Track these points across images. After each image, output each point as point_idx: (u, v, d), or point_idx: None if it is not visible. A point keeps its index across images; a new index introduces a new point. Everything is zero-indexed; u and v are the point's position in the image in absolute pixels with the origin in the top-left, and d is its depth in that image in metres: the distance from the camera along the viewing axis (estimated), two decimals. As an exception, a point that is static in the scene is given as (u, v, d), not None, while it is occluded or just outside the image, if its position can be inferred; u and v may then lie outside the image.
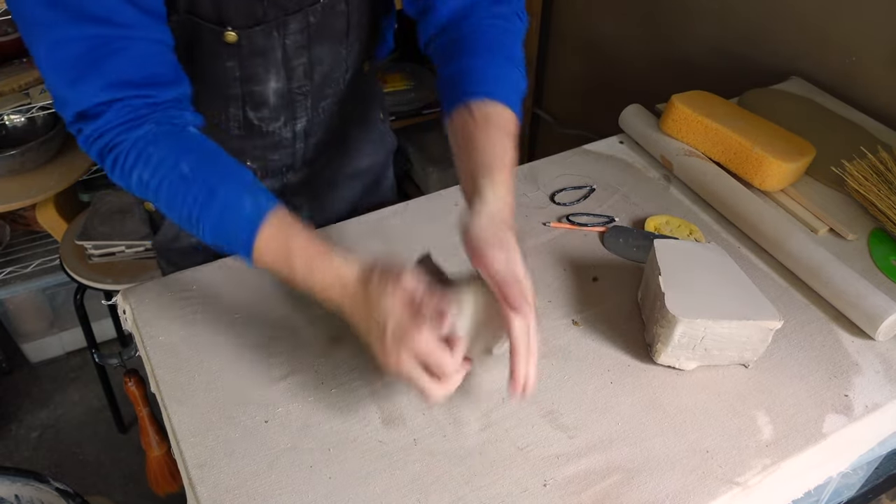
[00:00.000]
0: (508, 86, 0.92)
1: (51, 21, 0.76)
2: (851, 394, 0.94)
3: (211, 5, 0.91)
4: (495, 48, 0.95)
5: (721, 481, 0.84)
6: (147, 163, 0.81)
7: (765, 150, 1.21)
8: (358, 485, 0.82)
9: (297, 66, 1.03)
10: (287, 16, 0.96)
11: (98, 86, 0.79)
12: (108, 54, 0.78)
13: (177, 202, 0.82)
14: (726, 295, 0.94)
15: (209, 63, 0.98)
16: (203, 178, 0.81)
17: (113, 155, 0.82)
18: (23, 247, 2.23)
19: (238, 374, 0.94)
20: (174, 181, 0.81)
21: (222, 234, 0.82)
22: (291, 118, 1.11)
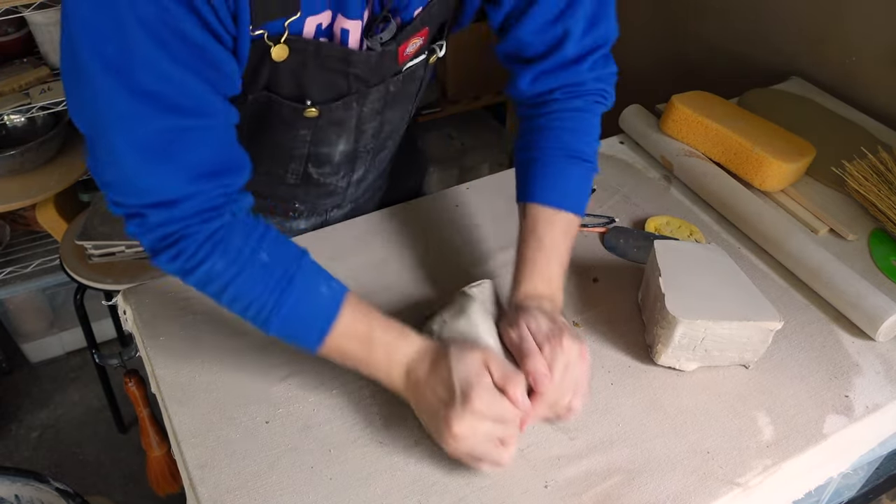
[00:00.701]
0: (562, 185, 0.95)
1: (136, 113, 0.70)
2: (852, 394, 0.94)
3: (294, 85, 0.88)
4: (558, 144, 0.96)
5: (722, 482, 0.84)
6: (224, 254, 0.78)
7: (765, 151, 1.21)
8: (359, 486, 0.82)
9: (368, 130, 1.02)
10: (369, 88, 0.94)
11: (182, 178, 0.74)
12: (192, 145, 0.74)
13: (254, 291, 0.80)
14: (726, 296, 0.94)
15: (281, 131, 0.96)
16: (281, 264, 0.80)
17: (180, 245, 0.77)
18: (23, 247, 2.23)
19: (239, 374, 0.94)
20: (252, 269, 0.79)
21: (296, 320, 0.81)
22: (350, 171, 1.10)
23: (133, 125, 0.71)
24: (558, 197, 0.94)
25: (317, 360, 0.94)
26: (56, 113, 1.91)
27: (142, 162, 0.73)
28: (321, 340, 0.81)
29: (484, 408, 0.77)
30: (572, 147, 0.96)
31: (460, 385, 0.77)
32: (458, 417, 0.77)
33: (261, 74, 0.85)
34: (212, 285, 0.80)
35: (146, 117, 0.71)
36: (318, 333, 0.81)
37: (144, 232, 0.77)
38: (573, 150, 0.96)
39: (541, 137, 0.97)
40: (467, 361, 0.79)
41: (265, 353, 0.96)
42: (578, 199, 0.97)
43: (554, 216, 0.94)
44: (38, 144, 1.90)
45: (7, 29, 1.94)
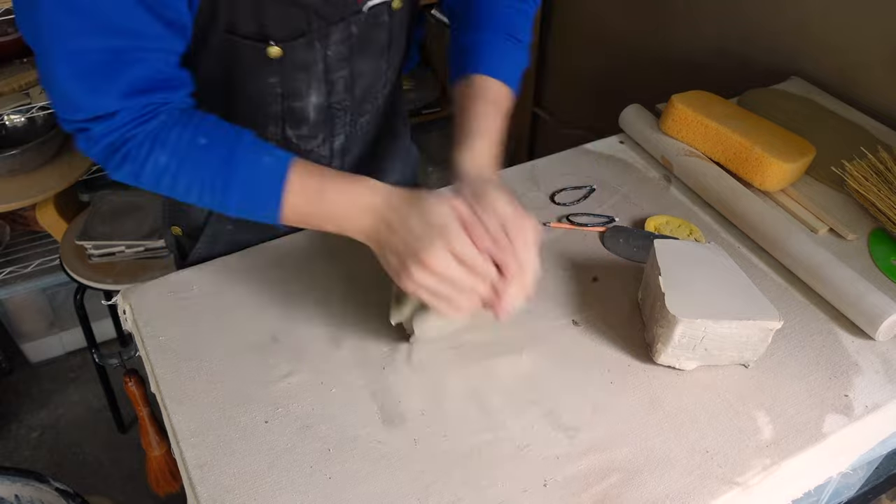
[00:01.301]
0: (511, 64, 1.04)
1: (72, 30, 0.75)
2: (851, 394, 0.94)
3: (253, 21, 0.90)
4: (505, 27, 1.04)
5: (721, 481, 0.84)
6: (164, 146, 0.83)
7: (765, 150, 1.21)
8: (358, 485, 0.82)
9: (338, 80, 1.03)
10: (329, 25, 0.95)
11: (116, 94, 0.79)
12: (127, 64, 0.79)
13: (201, 174, 0.84)
14: (726, 295, 0.94)
15: (250, 82, 0.97)
16: (221, 144, 0.84)
17: (124, 150, 0.83)
18: (23, 247, 2.23)
19: (238, 374, 0.94)
20: (193, 154, 0.83)
21: (249, 193, 0.85)
22: (330, 135, 1.11)
23: (68, 39, 0.76)
24: (506, 72, 1.02)
25: (317, 359, 0.95)
26: (56, 113, 1.90)
27: (76, 77, 0.78)
28: (279, 208, 0.84)
29: (460, 249, 0.80)
30: (514, 31, 1.05)
31: (439, 220, 0.80)
32: (432, 248, 0.79)
33: (219, 12, 0.87)
34: (163, 181, 0.85)
35: (81, 33, 0.76)
36: (274, 201, 0.84)
37: (91, 145, 0.83)
38: (515, 33, 1.05)
39: (485, 21, 1.05)
40: (444, 202, 0.82)
41: (265, 352, 0.96)
42: (517, 78, 1.05)
43: (501, 87, 1.01)
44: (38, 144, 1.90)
45: (7, 29, 1.94)
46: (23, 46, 1.98)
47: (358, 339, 0.98)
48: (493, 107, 0.99)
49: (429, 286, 0.81)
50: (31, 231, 2.26)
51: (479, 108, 0.98)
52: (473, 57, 1.03)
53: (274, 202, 0.84)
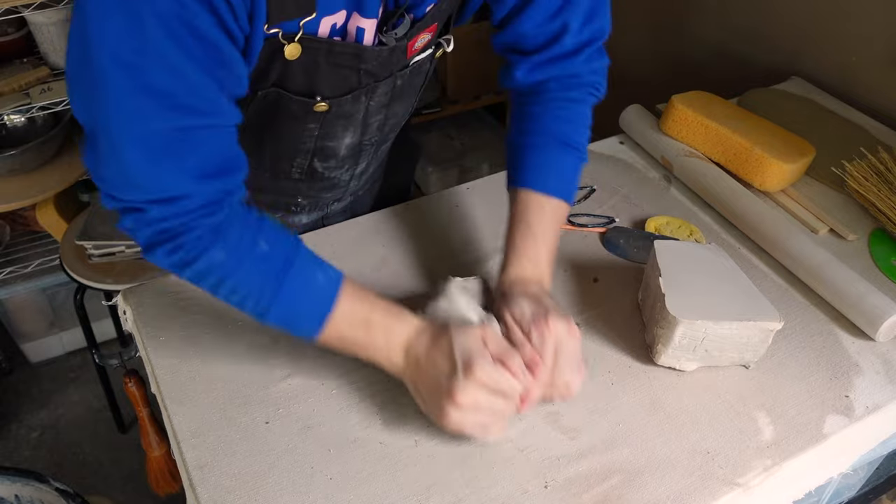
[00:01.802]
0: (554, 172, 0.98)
1: (145, 111, 0.70)
2: (852, 394, 0.94)
3: (304, 80, 0.88)
4: (552, 131, 0.99)
5: (722, 482, 0.84)
6: (225, 243, 0.78)
7: (765, 151, 1.21)
8: (359, 486, 0.82)
9: (374, 123, 1.02)
10: (378, 82, 0.94)
11: (185, 176, 0.74)
12: (197, 144, 0.74)
13: (253, 281, 0.80)
14: (727, 296, 0.94)
15: (289, 126, 0.96)
16: (280, 254, 0.81)
17: (180, 240, 0.76)
18: (23, 247, 2.23)
19: (239, 374, 0.94)
20: (252, 259, 0.79)
21: (294, 309, 0.82)
22: (354, 165, 1.11)
23: (140, 121, 0.71)
24: (551, 184, 0.97)
25: (317, 360, 0.95)
26: (56, 113, 1.91)
27: (146, 159, 0.72)
28: (320, 328, 0.82)
29: (486, 378, 0.79)
30: (565, 136, 0.99)
31: (462, 357, 0.80)
32: (462, 388, 0.78)
33: (272, 71, 0.86)
34: (210, 277, 0.80)
35: (154, 114, 0.70)
36: (317, 321, 0.82)
37: (142, 226, 0.77)
38: (566, 138, 0.99)
39: (535, 124, 0.99)
40: (468, 335, 0.82)
41: (265, 353, 0.96)
42: (569, 187, 1.00)
43: (545, 202, 0.96)
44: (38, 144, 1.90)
45: (7, 29, 1.94)
46: (23, 46, 1.98)
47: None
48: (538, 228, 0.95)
49: (469, 423, 0.81)
50: (31, 231, 2.25)
51: (519, 234, 0.96)
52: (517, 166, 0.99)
53: (317, 322, 0.82)
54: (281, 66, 0.85)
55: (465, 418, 0.80)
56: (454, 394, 0.79)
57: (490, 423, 0.82)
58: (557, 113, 1.00)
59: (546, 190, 0.96)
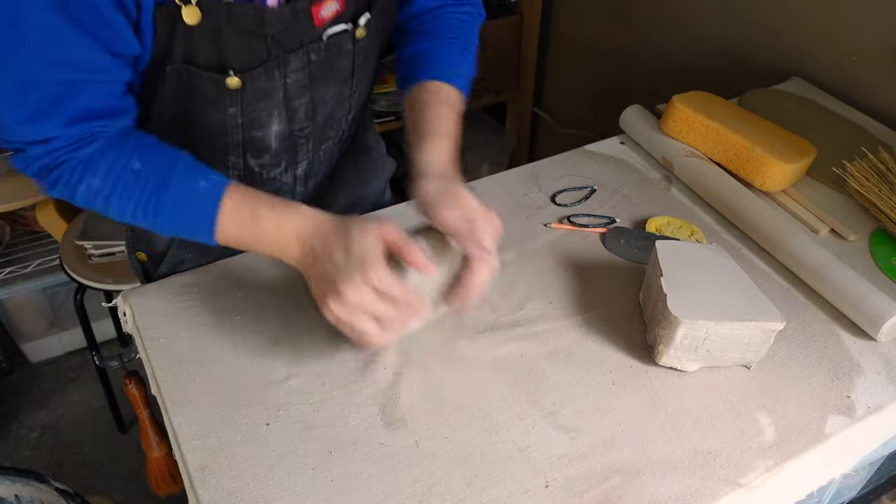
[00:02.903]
0: (461, 70, 1.07)
1: (21, 63, 0.77)
2: (854, 395, 0.94)
3: (212, 51, 0.89)
4: (453, 36, 1.09)
5: (723, 483, 0.83)
6: (96, 170, 0.84)
7: (765, 151, 1.21)
8: (359, 487, 0.82)
9: (299, 107, 1.02)
10: (288, 53, 0.94)
11: (57, 124, 0.81)
12: (72, 95, 0.81)
13: (132, 198, 0.85)
14: (728, 296, 0.94)
15: (210, 112, 0.96)
16: (154, 169, 0.85)
17: (57, 172, 0.84)
18: (23, 247, 2.23)
19: (239, 376, 0.94)
20: (126, 178, 0.84)
21: (181, 217, 0.86)
22: (293, 162, 1.10)
23: (16, 73, 0.77)
24: (459, 79, 1.05)
25: (318, 361, 0.95)
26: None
27: (20, 110, 0.80)
28: (212, 230, 0.86)
29: (377, 279, 0.80)
30: (465, 41, 1.10)
31: (359, 252, 0.80)
32: (349, 282, 0.79)
33: (176, 42, 0.86)
34: (95, 202, 0.86)
35: (29, 67, 0.77)
36: (208, 224, 0.85)
37: (26, 165, 0.85)
38: (466, 44, 1.10)
39: (437, 32, 1.09)
40: (367, 231, 0.82)
41: (265, 354, 0.96)
42: (468, 85, 1.08)
43: (456, 93, 1.04)
44: (38, 144, 1.89)
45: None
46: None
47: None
48: (450, 109, 1.01)
49: (346, 319, 0.82)
50: (31, 231, 2.26)
51: (435, 111, 1.00)
52: (425, 64, 1.05)
53: (207, 226, 0.86)
54: (184, 36, 0.86)
55: (345, 314, 0.81)
56: (340, 288, 0.80)
57: (371, 329, 0.82)
58: (458, 25, 1.10)
59: (455, 83, 1.04)
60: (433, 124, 0.98)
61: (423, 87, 1.03)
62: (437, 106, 1.00)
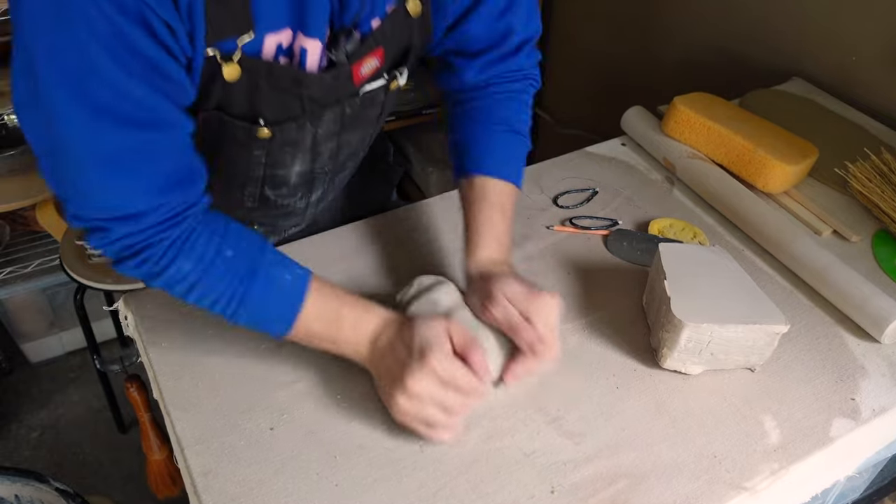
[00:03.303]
0: (509, 158, 1.04)
1: (96, 129, 0.72)
2: (858, 397, 0.94)
3: (246, 104, 0.87)
4: (500, 119, 1.05)
5: (729, 486, 0.83)
6: (190, 255, 0.80)
7: (767, 152, 1.21)
8: (364, 492, 0.82)
9: (325, 151, 1.01)
10: (323, 108, 0.93)
11: (144, 191, 0.76)
12: (153, 158, 0.76)
13: (220, 287, 0.82)
14: (732, 299, 0.94)
15: (235, 153, 0.95)
16: (246, 258, 0.83)
17: (146, 253, 0.79)
18: (23, 247, 2.22)
19: (242, 380, 0.93)
20: (217, 266, 0.81)
21: (263, 310, 0.84)
22: (308, 192, 1.09)
23: (92, 141, 0.73)
24: (505, 169, 1.02)
25: (322, 366, 0.94)
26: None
27: (103, 177, 0.74)
28: (290, 326, 0.85)
29: (440, 369, 0.80)
30: (513, 124, 1.05)
31: (420, 345, 0.81)
32: (413, 374, 0.80)
33: (212, 93, 0.84)
34: (179, 286, 0.82)
35: (106, 132, 0.72)
36: (288, 320, 0.84)
37: (108, 244, 0.79)
38: (514, 126, 1.06)
39: (483, 116, 1.05)
40: (430, 325, 0.83)
41: (269, 358, 0.96)
42: (520, 172, 1.05)
43: (504, 186, 1.01)
44: (38, 145, 1.89)
45: (7, 29, 1.93)
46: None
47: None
48: (498, 210, 0.99)
49: (413, 412, 0.82)
50: (31, 231, 2.25)
51: (484, 214, 0.99)
52: (472, 155, 1.03)
53: (288, 321, 0.85)
54: (222, 88, 0.84)
55: (412, 407, 0.81)
56: (405, 379, 0.80)
57: (439, 419, 0.82)
58: (505, 104, 1.06)
59: (502, 175, 1.01)
60: (481, 230, 0.98)
61: (471, 184, 1.01)
62: (484, 208, 0.99)
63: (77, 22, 0.66)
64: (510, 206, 1.01)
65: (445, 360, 0.81)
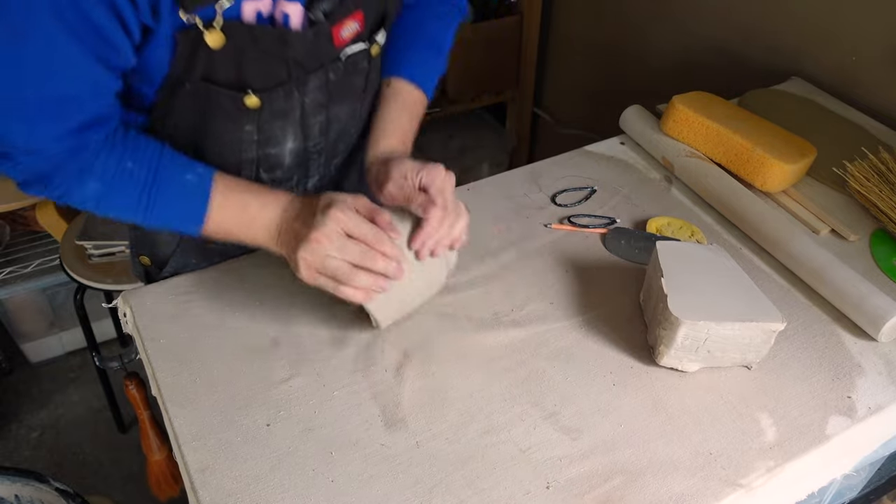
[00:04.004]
0: (427, 70, 1.11)
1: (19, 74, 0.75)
2: (854, 395, 0.94)
3: (231, 72, 0.88)
4: (426, 35, 1.12)
5: (724, 483, 0.83)
6: (91, 174, 0.85)
7: (766, 151, 1.21)
8: (360, 488, 0.82)
9: (314, 125, 1.02)
10: (308, 74, 0.94)
11: (51, 136, 0.81)
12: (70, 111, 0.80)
13: (126, 198, 0.86)
14: (729, 297, 0.94)
15: (226, 129, 0.96)
16: (144, 165, 0.87)
17: (51, 178, 0.84)
18: (23, 247, 2.23)
19: (240, 377, 0.93)
20: (120, 178, 0.86)
21: (172, 211, 0.89)
22: (304, 177, 1.10)
23: (14, 86, 0.76)
24: (422, 78, 1.10)
25: (318, 362, 0.95)
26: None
27: (18, 122, 0.79)
28: (201, 222, 0.88)
29: (344, 218, 0.83)
30: (436, 40, 1.12)
31: (328, 206, 0.84)
32: (316, 226, 0.83)
33: (196, 62, 0.86)
34: (87, 203, 0.87)
35: (28, 81, 0.76)
36: (197, 217, 0.88)
37: (12, 169, 0.84)
38: (436, 43, 1.12)
39: (410, 29, 1.11)
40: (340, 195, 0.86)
41: (266, 355, 0.96)
42: (433, 84, 1.12)
43: (417, 93, 1.09)
44: (38, 145, 1.89)
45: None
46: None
47: (359, 341, 0.98)
48: (405, 109, 1.06)
49: (324, 266, 0.84)
50: (31, 231, 2.25)
51: (393, 111, 1.05)
52: (394, 60, 1.09)
53: (198, 217, 0.88)
54: (206, 57, 0.85)
55: (315, 258, 0.83)
56: (311, 235, 0.82)
57: (345, 271, 0.84)
58: (432, 23, 1.12)
59: (416, 81, 1.08)
60: (388, 125, 1.04)
61: (388, 84, 1.08)
62: (394, 106, 1.06)
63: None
64: (418, 112, 1.09)
65: (351, 213, 0.83)
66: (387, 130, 1.04)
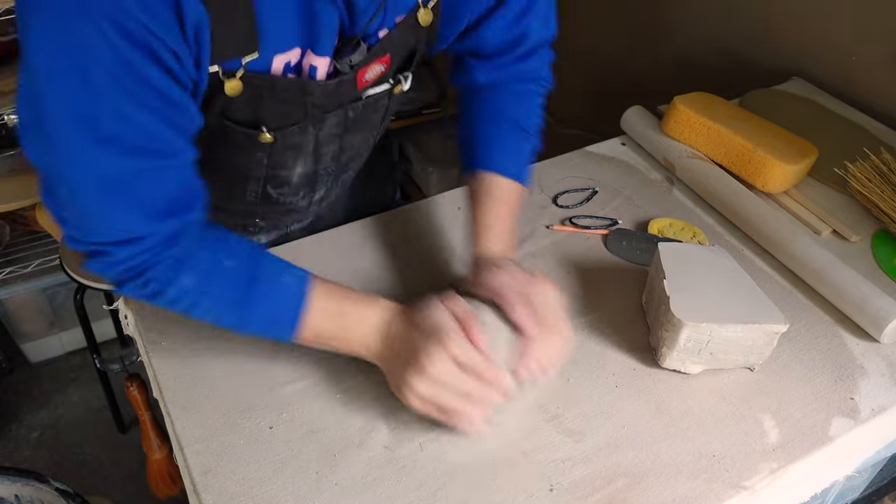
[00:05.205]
0: (517, 156, 1.04)
1: (100, 157, 0.71)
2: (857, 397, 0.94)
3: (249, 112, 0.87)
4: (512, 118, 1.04)
5: (728, 485, 0.83)
6: (190, 270, 0.80)
7: (767, 152, 1.21)
8: (363, 491, 0.82)
9: (327, 153, 1.01)
10: (326, 113, 0.93)
11: (144, 216, 0.76)
12: (154, 185, 0.76)
13: (224, 299, 0.83)
14: (731, 298, 0.94)
15: (237, 155, 0.94)
16: (244, 265, 0.83)
17: (148, 275, 0.79)
18: (23, 247, 2.22)
19: (242, 379, 0.93)
20: (219, 276, 0.82)
21: (269, 316, 0.84)
22: (311, 192, 1.09)
23: (95, 168, 0.72)
24: (512, 167, 1.02)
25: (322, 364, 0.94)
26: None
27: (104, 202, 0.74)
28: (296, 328, 0.84)
29: (458, 352, 0.79)
30: (522, 123, 1.05)
31: (433, 326, 0.80)
32: (430, 356, 0.78)
33: (215, 103, 0.84)
34: (182, 302, 0.82)
35: (109, 159, 0.72)
36: (293, 322, 0.84)
37: (109, 267, 0.79)
38: (523, 126, 1.05)
39: (493, 115, 1.05)
40: (436, 307, 0.82)
41: (269, 357, 0.96)
42: (526, 171, 1.05)
43: (511, 185, 1.01)
44: (38, 145, 1.89)
45: (7, 29, 1.93)
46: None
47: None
48: (505, 207, 0.99)
49: (433, 396, 0.80)
50: (31, 231, 2.25)
51: (492, 212, 0.99)
52: (480, 152, 1.03)
53: (293, 323, 0.84)
54: (224, 99, 0.84)
55: (429, 391, 0.79)
56: (421, 361, 0.78)
57: (459, 406, 0.80)
58: (515, 104, 1.06)
59: (510, 173, 1.01)
60: (487, 227, 0.98)
61: (479, 180, 1.01)
62: (492, 206, 0.99)
63: (82, 49, 0.66)
64: (516, 204, 1.01)
65: (462, 341, 0.79)
66: (487, 234, 0.98)
